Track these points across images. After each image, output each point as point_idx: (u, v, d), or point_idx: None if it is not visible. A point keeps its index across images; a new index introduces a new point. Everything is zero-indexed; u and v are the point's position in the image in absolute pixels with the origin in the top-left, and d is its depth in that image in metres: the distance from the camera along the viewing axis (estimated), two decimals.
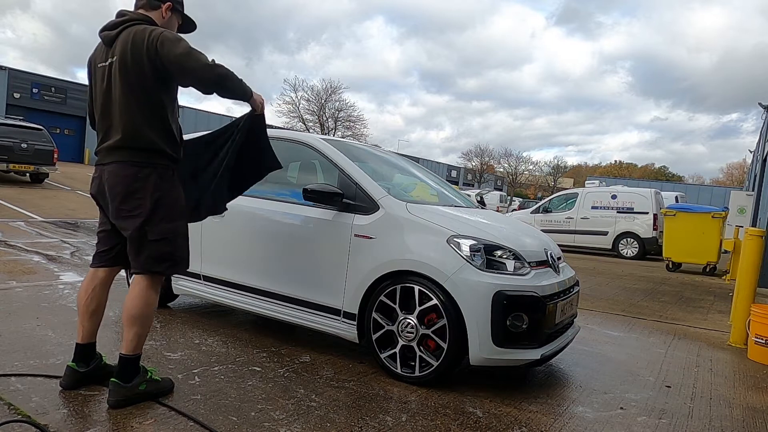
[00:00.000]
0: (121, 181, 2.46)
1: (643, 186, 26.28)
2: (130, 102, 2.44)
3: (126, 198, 2.47)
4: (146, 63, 2.40)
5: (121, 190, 2.47)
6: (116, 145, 2.47)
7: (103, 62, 2.51)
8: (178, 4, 2.70)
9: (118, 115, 2.46)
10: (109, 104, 2.49)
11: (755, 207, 14.69)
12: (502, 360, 2.93)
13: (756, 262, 4.81)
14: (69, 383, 2.57)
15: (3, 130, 13.75)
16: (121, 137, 2.45)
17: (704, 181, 63.59)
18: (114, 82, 2.46)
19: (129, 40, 2.42)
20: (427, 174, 4.67)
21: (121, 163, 2.47)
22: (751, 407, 3.21)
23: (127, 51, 2.41)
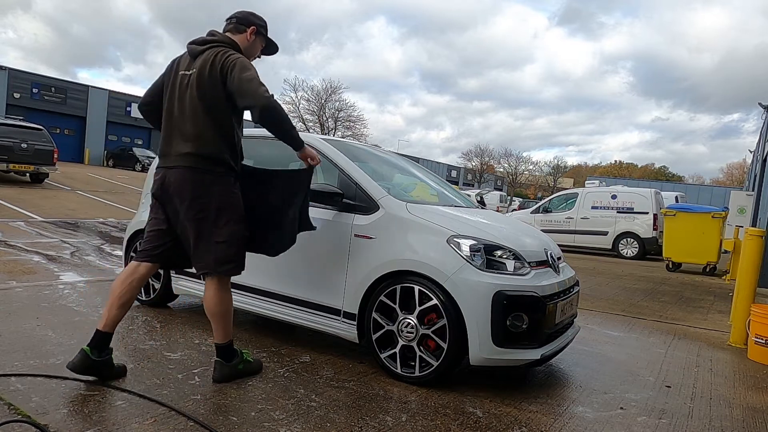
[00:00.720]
0: (189, 185, 2.66)
1: (643, 186, 26.28)
2: (203, 114, 2.66)
3: (193, 202, 2.67)
4: (220, 83, 2.64)
5: (189, 194, 2.67)
6: (185, 151, 2.67)
7: (185, 71, 2.73)
8: (262, 27, 2.94)
9: (191, 124, 2.67)
10: (182, 111, 2.70)
11: (755, 207, 14.69)
12: (502, 360, 2.93)
13: (756, 262, 4.81)
14: (78, 366, 2.62)
15: (3, 130, 13.76)
16: (192, 145, 2.66)
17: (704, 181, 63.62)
18: (190, 93, 2.67)
19: (209, 60, 2.65)
20: (427, 174, 4.67)
21: (189, 168, 2.67)
22: (751, 407, 3.21)
23: (205, 69, 2.64)
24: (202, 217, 2.68)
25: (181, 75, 2.73)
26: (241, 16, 2.89)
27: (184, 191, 2.67)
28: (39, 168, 14.41)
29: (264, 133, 4.36)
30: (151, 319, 3.99)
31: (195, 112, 2.66)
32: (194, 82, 2.66)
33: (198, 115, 2.66)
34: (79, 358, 2.63)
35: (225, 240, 2.72)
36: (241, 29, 2.87)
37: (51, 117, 28.63)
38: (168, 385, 2.74)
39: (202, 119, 2.66)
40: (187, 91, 2.68)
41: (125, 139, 33.38)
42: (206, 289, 2.79)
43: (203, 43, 2.74)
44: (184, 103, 2.69)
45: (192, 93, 2.66)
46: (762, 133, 18.58)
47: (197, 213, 2.68)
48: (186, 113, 2.68)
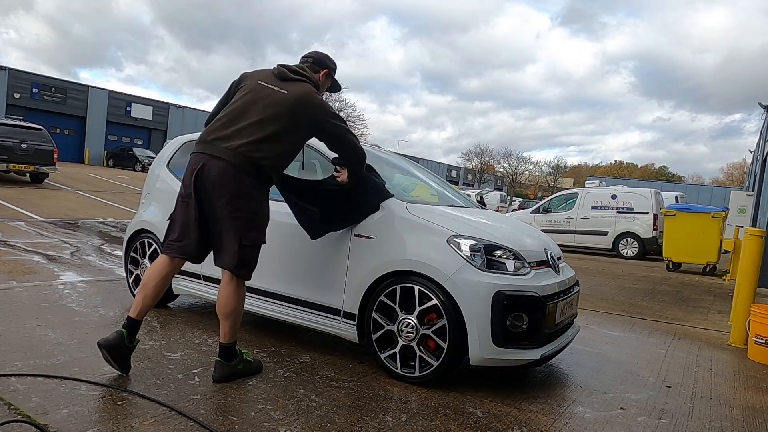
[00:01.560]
0: (231, 181, 2.72)
1: (643, 186, 26.29)
2: (277, 130, 2.80)
3: (232, 199, 2.73)
4: (308, 119, 2.87)
5: (228, 191, 2.73)
6: (241, 149, 2.74)
7: (272, 86, 2.88)
8: (333, 71, 3.23)
9: (261, 130, 2.78)
10: (260, 116, 2.80)
11: (755, 207, 14.69)
12: (502, 360, 2.93)
13: (756, 262, 4.81)
14: (110, 343, 2.73)
15: (3, 130, 13.76)
16: (251, 146, 2.75)
17: (704, 181, 63.60)
18: (277, 108, 2.81)
19: (307, 93, 2.88)
20: (427, 174, 4.67)
21: (234, 165, 2.72)
22: (751, 407, 3.22)
23: (302, 98, 2.85)
24: (236, 217, 2.74)
25: (270, 87, 2.87)
26: (318, 58, 3.15)
27: (224, 186, 2.73)
28: (39, 168, 14.41)
29: None
30: (151, 319, 3.99)
31: (271, 124, 2.79)
32: (286, 103, 2.83)
33: (271, 128, 2.79)
34: (115, 336, 2.75)
35: (251, 244, 2.81)
36: (316, 69, 3.12)
37: (51, 117, 28.63)
38: (168, 385, 2.74)
39: (272, 133, 2.79)
40: (270, 104, 2.82)
41: (125, 139, 33.40)
42: (222, 288, 2.84)
43: (296, 73, 2.96)
44: (266, 110, 2.81)
45: (278, 109, 2.81)
46: (762, 133, 18.59)
47: (234, 211, 2.74)
48: (262, 120, 2.79)
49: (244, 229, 2.76)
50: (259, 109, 2.81)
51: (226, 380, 2.85)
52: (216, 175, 2.72)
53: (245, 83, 2.97)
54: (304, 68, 3.04)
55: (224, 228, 2.76)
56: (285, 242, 3.60)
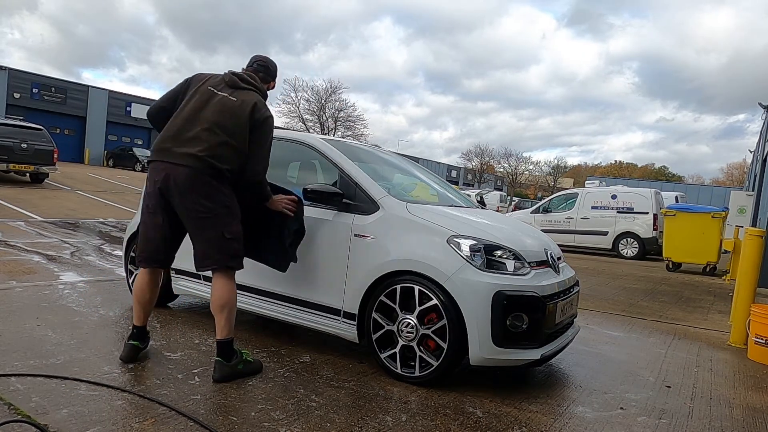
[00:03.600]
0: (198, 185, 2.83)
1: (643, 186, 26.28)
2: (228, 135, 2.90)
3: (204, 200, 2.84)
4: (249, 126, 2.97)
5: (198, 194, 2.83)
6: (201, 154, 2.83)
7: (221, 92, 3.00)
8: (274, 82, 3.36)
9: (214, 136, 2.88)
10: (206, 120, 2.90)
11: (755, 207, 14.69)
12: (502, 360, 2.93)
13: (756, 262, 4.80)
14: (130, 357, 3.02)
15: (3, 130, 13.75)
16: (208, 150, 2.84)
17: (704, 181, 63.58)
18: (221, 114, 2.92)
19: (253, 103, 2.99)
20: (427, 174, 4.67)
21: (197, 169, 2.82)
22: (751, 407, 3.22)
23: (247, 107, 2.96)
24: (215, 215, 2.85)
25: (220, 94, 2.99)
26: (271, 69, 3.28)
27: (193, 191, 2.82)
28: (39, 168, 14.40)
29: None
30: (151, 319, 3.97)
31: (222, 130, 2.90)
32: (234, 109, 2.95)
33: (223, 134, 2.90)
34: (129, 350, 3.02)
35: (234, 237, 2.92)
36: (266, 80, 3.26)
37: (51, 117, 28.62)
38: (168, 385, 2.74)
39: (224, 139, 2.89)
40: (220, 108, 2.93)
41: (125, 139, 33.38)
42: (215, 283, 2.93)
43: (246, 82, 3.08)
44: (217, 117, 2.91)
45: (228, 116, 2.92)
46: (762, 133, 18.59)
47: (210, 211, 2.84)
48: (214, 126, 2.89)
49: (225, 225, 2.88)
50: (210, 116, 2.91)
51: (226, 380, 2.86)
52: (182, 182, 2.81)
53: (196, 87, 3.04)
54: (255, 78, 3.16)
55: (203, 229, 2.86)
56: None
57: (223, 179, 2.91)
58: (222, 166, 2.87)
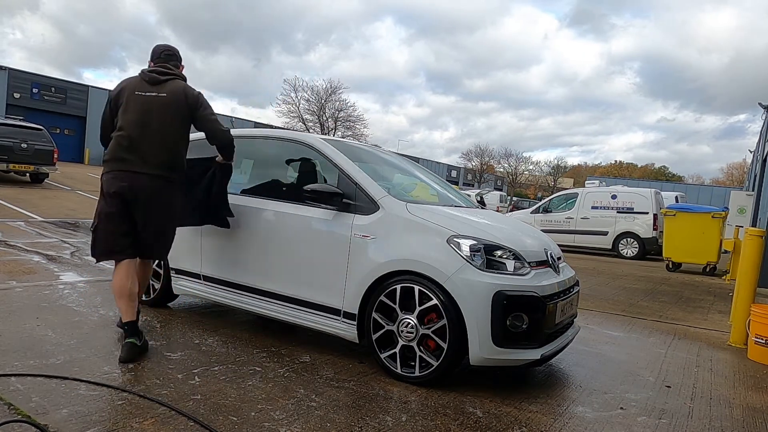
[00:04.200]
0: (158, 191, 3.20)
1: (643, 186, 26.28)
2: (173, 132, 3.25)
3: (162, 207, 3.24)
4: (188, 110, 3.28)
5: (158, 198, 3.20)
6: (155, 162, 3.17)
7: (147, 93, 3.22)
8: (182, 64, 3.53)
9: (160, 139, 3.19)
10: (149, 126, 3.17)
11: (755, 207, 14.69)
12: (502, 360, 2.93)
13: (756, 262, 4.80)
14: (130, 356, 3.04)
15: (3, 130, 13.74)
16: (163, 156, 3.20)
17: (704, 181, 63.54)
18: (160, 113, 3.21)
19: (181, 91, 3.26)
20: (427, 174, 4.67)
21: (159, 177, 3.19)
22: (751, 407, 3.21)
23: (178, 96, 3.24)
24: (168, 218, 3.33)
25: (147, 95, 3.22)
26: (176, 53, 3.47)
27: (153, 197, 3.19)
28: (39, 168, 14.39)
29: (264, 133, 4.37)
30: (151, 319, 3.99)
31: (166, 129, 3.21)
32: (166, 107, 3.22)
33: (169, 133, 3.23)
34: (128, 349, 3.06)
35: (173, 235, 3.43)
36: (177, 65, 3.45)
37: (51, 117, 28.59)
38: (168, 385, 2.74)
39: (173, 137, 3.25)
40: (154, 112, 3.19)
41: None
42: (142, 270, 3.39)
43: (165, 75, 3.29)
44: (150, 119, 3.18)
45: (163, 114, 3.21)
46: (762, 133, 18.58)
47: (163, 214, 3.27)
48: (154, 128, 3.18)
49: (172, 225, 3.39)
50: (150, 119, 3.17)
51: (136, 359, 3.05)
52: (143, 190, 3.14)
53: (124, 98, 3.23)
54: (169, 67, 3.34)
55: (157, 229, 3.28)
56: (285, 242, 3.60)
57: (177, 178, 3.31)
58: (177, 164, 3.28)
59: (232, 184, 4.14)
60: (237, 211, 3.85)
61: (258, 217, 3.75)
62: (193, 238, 4.06)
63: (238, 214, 3.85)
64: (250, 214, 3.79)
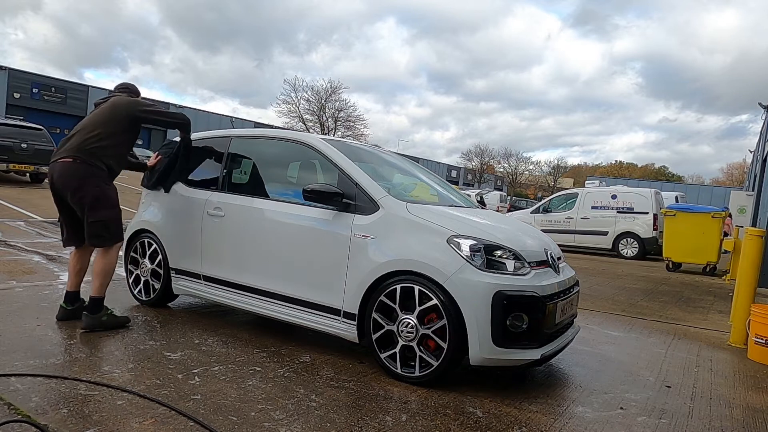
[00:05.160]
0: (72, 176, 3.58)
1: (643, 186, 26.28)
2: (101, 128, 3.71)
3: (75, 191, 3.57)
4: (125, 113, 3.80)
5: (72, 185, 3.56)
6: (69, 147, 3.65)
7: (92, 111, 3.86)
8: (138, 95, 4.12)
9: (84, 132, 3.69)
10: (82, 126, 3.76)
11: (755, 207, 14.70)
12: (502, 360, 2.93)
13: (756, 262, 4.80)
14: (61, 317, 3.73)
15: (3, 130, 13.73)
16: (79, 143, 3.63)
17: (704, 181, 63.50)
18: (93, 116, 3.77)
19: (117, 100, 3.85)
20: (428, 174, 4.67)
21: (69, 158, 3.59)
22: (751, 407, 3.21)
23: (114, 103, 3.81)
24: (83, 203, 3.57)
25: (92, 112, 3.84)
26: (133, 88, 4.07)
27: (65, 177, 3.58)
28: (39, 168, 14.36)
29: (264, 133, 4.37)
30: (151, 319, 3.99)
31: (97, 126, 3.69)
32: (103, 110, 3.78)
33: (97, 128, 3.68)
34: (60, 311, 3.74)
35: (98, 220, 3.58)
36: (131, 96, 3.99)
37: (51, 117, 28.59)
38: (168, 385, 2.74)
39: (98, 130, 3.68)
40: (95, 115, 3.76)
41: None
42: (99, 258, 3.70)
43: (109, 94, 4.00)
44: (88, 120, 3.75)
45: (98, 115, 3.75)
46: (762, 133, 18.59)
47: (80, 199, 3.56)
48: (86, 125, 3.71)
49: (90, 210, 3.55)
50: (85, 121, 3.73)
51: (90, 328, 3.52)
52: (60, 174, 3.56)
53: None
54: (116, 92, 3.96)
55: (86, 215, 3.56)
56: (285, 242, 3.60)
57: (96, 167, 3.63)
58: (87, 159, 3.60)
59: (233, 184, 4.15)
60: (237, 211, 3.86)
61: (258, 217, 3.75)
62: (194, 238, 4.07)
63: (238, 213, 3.85)
64: (251, 213, 3.79)
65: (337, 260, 3.32)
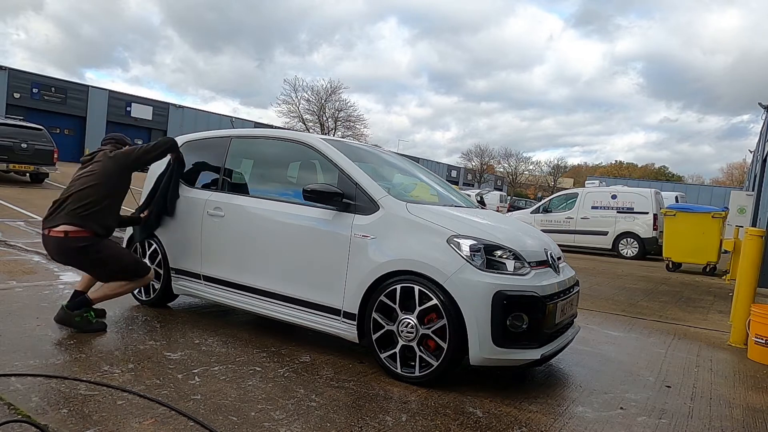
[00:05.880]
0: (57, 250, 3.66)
1: (643, 186, 26.27)
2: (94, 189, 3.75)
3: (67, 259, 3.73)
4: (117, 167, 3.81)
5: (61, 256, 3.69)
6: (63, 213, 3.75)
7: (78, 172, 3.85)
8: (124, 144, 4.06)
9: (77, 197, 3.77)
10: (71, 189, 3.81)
11: (755, 207, 14.69)
12: (502, 360, 2.93)
13: (756, 262, 4.80)
14: (60, 318, 3.59)
15: (3, 130, 13.73)
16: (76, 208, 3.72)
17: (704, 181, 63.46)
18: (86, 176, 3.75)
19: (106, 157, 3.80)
20: (428, 174, 4.67)
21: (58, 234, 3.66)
22: (751, 407, 3.21)
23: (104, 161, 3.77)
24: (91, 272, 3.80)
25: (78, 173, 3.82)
26: (119, 139, 4.05)
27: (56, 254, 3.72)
28: (39, 168, 14.38)
29: (264, 133, 4.37)
30: (151, 319, 3.99)
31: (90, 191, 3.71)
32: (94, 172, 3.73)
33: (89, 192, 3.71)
34: (60, 314, 3.60)
35: (113, 262, 3.69)
36: (118, 146, 3.95)
37: (51, 117, 28.58)
38: (168, 385, 2.74)
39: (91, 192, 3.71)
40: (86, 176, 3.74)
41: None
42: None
43: (95, 152, 3.91)
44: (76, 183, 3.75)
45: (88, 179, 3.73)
46: (762, 133, 18.59)
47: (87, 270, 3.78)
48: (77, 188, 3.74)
49: (102, 274, 3.71)
50: (76, 184, 3.70)
51: (60, 323, 3.55)
52: (57, 252, 3.62)
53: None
54: (102, 148, 3.91)
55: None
56: (285, 242, 3.60)
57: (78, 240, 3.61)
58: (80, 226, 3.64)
59: (233, 184, 4.15)
60: (237, 211, 3.85)
61: (258, 217, 3.75)
62: (194, 238, 4.07)
63: (238, 214, 3.85)
64: (251, 214, 3.79)
65: (337, 260, 3.32)
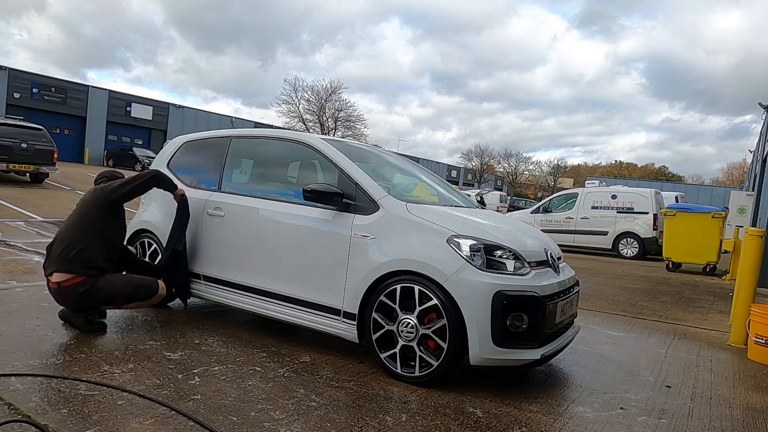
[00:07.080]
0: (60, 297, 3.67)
1: (643, 186, 26.27)
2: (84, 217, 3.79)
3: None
4: (96, 204, 3.76)
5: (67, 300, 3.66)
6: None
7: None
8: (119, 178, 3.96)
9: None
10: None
11: (755, 207, 14.69)
12: (502, 360, 2.93)
13: (756, 262, 4.80)
14: (63, 315, 3.67)
15: (3, 130, 13.73)
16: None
17: (704, 181, 63.44)
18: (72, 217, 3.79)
19: (97, 186, 3.84)
20: (428, 174, 4.67)
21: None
22: (751, 407, 3.21)
23: (85, 202, 3.77)
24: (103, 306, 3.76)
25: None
26: (109, 176, 3.98)
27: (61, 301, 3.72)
28: (39, 168, 14.38)
29: (264, 133, 4.37)
30: (151, 319, 3.99)
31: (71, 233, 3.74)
32: (87, 198, 3.78)
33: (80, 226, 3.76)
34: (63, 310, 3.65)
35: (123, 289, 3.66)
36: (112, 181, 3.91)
37: (51, 117, 28.61)
38: (168, 385, 2.74)
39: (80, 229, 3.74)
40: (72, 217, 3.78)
41: (125, 138, 33.37)
42: None
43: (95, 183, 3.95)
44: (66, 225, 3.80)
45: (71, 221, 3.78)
46: (762, 133, 18.59)
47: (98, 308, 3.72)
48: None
49: (113, 305, 3.67)
50: (67, 225, 3.76)
51: (63, 320, 3.64)
52: (60, 300, 3.61)
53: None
54: (95, 183, 3.90)
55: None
56: (285, 242, 3.60)
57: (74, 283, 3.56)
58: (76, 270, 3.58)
59: (233, 184, 4.15)
60: (237, 211, 3.85)
61: (258, 216, 3.75)
62: (194, 238, 4.07)
63: (238, 214, 3.85)
64: (251, 214, 3.79)
65: (337, 260, 3.32)
